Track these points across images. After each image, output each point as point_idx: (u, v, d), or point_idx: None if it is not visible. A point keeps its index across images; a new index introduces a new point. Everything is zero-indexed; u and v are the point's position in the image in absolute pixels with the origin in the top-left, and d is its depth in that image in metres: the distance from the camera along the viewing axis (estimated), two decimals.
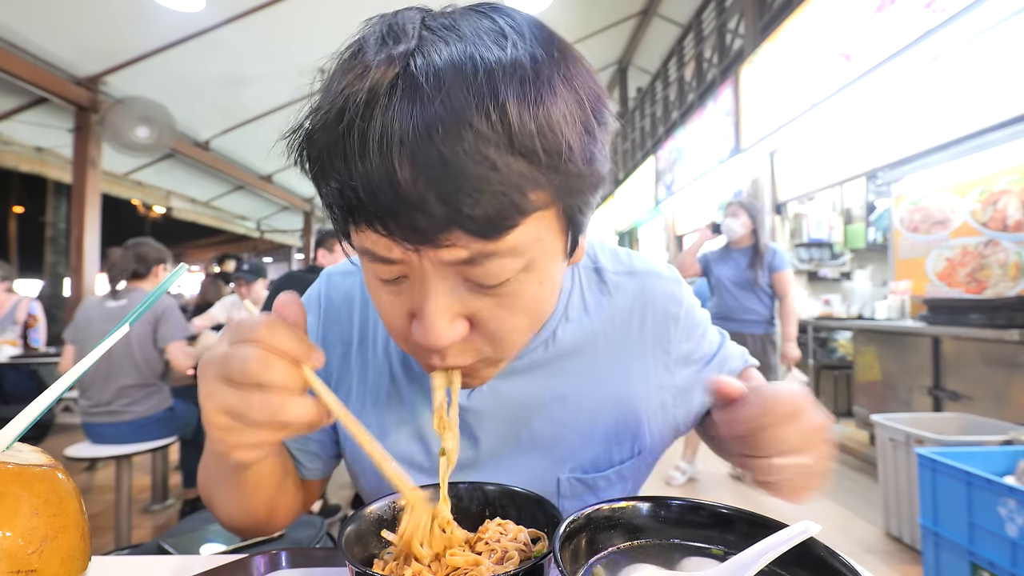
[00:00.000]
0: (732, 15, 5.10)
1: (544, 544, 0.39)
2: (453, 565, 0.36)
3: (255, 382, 0.31)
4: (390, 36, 0.32)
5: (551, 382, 0.52)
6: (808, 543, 0.35)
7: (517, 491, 0.44)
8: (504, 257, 0.32)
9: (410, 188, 0.29)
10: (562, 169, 0.31)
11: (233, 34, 4.01)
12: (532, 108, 0.29)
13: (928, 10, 2.53)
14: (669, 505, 0.40)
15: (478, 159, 0.28)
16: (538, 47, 0.31)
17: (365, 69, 0.30)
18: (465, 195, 0.29)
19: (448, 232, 0.30)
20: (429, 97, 0.28)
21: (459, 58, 0.29)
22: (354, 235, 0.34)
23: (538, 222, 0.33)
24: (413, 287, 0.35)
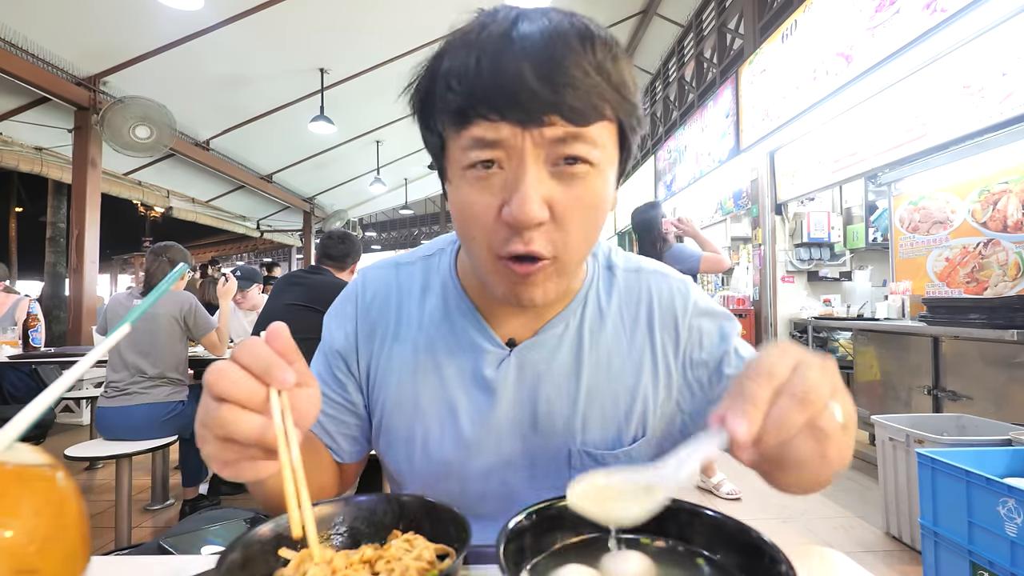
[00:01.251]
0: (732, 15, 5.10)
1: (450, 561, 0.38)
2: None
3: (215, 394, 0.34)
4: (495, 11, 0.45)
5: (570, 359, 0.57)
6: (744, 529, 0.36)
7: (432, 504, 0.42)
8: (583, 143, 0.43)
9: (529, 80, 0.40)
10: (623, 94, 0.44)
11: (233, 34, 4.01)
12: (608, 49, 0.43)
13: (927, 11, 2.53)
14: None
15: (577, 65, 0.41)
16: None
17: (489, 20, 0.44)
18: (566, 87, 0.41)
19: (550, 114, 0.41)
20: (543, 29, 0.42)
21: (557, 15, 0.44)
22: (465, 133, 0.43)
23: (606, 130, 0.45)
24: (508, 174, 0.43)
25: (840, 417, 0.33)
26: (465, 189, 0.45)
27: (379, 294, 0.62)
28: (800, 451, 0.34)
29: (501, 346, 0.57)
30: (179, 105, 4.41)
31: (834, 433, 0.33)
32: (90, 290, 4.02)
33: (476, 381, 0.57)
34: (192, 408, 2.42)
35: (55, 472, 0.32)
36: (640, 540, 0.39)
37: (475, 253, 0.48)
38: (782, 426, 0.32)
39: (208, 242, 17.56)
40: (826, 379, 0.33)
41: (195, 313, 2.37)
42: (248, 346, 0.35)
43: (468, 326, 0.57)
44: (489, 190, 0.44)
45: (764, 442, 0.32)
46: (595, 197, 0.45)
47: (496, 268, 0.47)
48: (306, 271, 2.23)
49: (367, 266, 0.66)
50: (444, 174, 0.50)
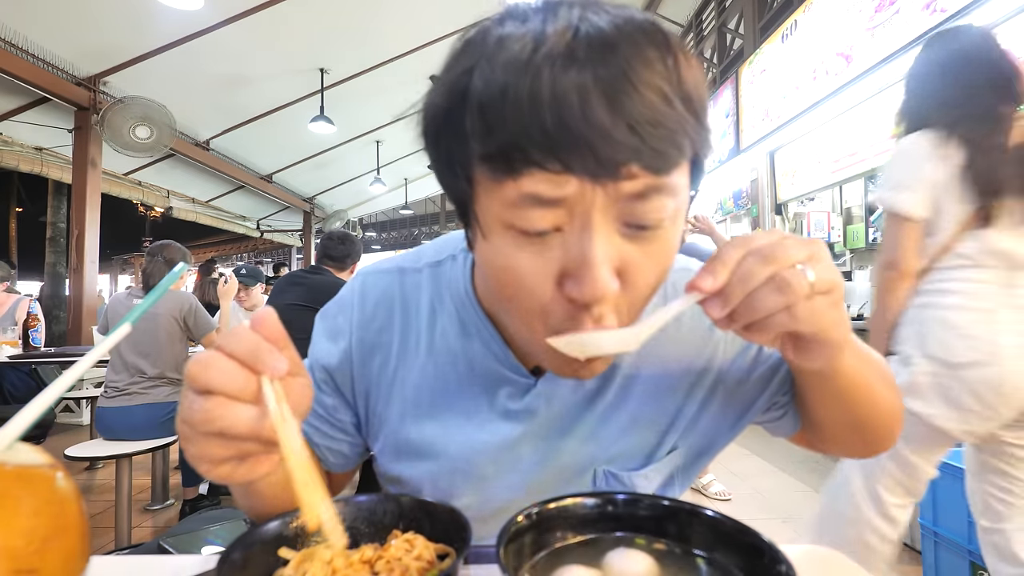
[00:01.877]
0: (732, 15, 5.10)
1: (450, 561, 0.38)
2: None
3: (200, 387, 0.31)
4: (544, 9, 0.34)
5: (598, 383, 0.52)
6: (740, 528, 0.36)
7: (432, 503, 0.42)
8: (665, 195, 0.34)
9: (601, 118, 0.30)
10: (702, 121, 0.35)
11: (233, 34, 4.01)
12: (689, 63, 0.34)
13: (927, 11, 2.53)
14: (615, 500, 0.40)
15: (659, 94, 0.32)
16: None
17: (543, 28, 0.33)
18: (648, 125, 0.31)
19: (629, 163, 0.32)
20: (613, 44, 0.31)
21: (621, 19, 0.33)
22: (511, 186, 0.33)
23: (683, 171, 0.36)
24: (569, 237, 0.35)
25: (810, 276, 0.33)
26: (509, 253, 0.36)
27: (381, 307, 0.54)
28: (764, 304, 0.33)
29: (527, 375, 0.50)
30: (179, 105, 4.41)
31: (798, 287, 0.32)
32: (90, 290, 4.02)
33: (498, 414, 0.52)
34: None
35: (55, 472, 0.32)
36: (640, 540, 0.39)
37: (522, 326, 0.41)
38: (745, 279, 0.32)
39: (208, 242, 17.56)
40: (803, 247, 0.33)
41: (195, 313, 2.37)
42: (234, 334, 0.32)
43: (488, 353, 0.50)
44: (543, 255, 0.36)
45: (729, 296, 0.33)
46: (669, 252, 0.38)
47: (552, 348, 0.38)
48: (306, 271, 2.23)
49: (366, 269, 0.57)
50: (473, 222, 0.39)
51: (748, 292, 0.33)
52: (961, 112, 1.21)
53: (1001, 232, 1.17)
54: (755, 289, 0.33)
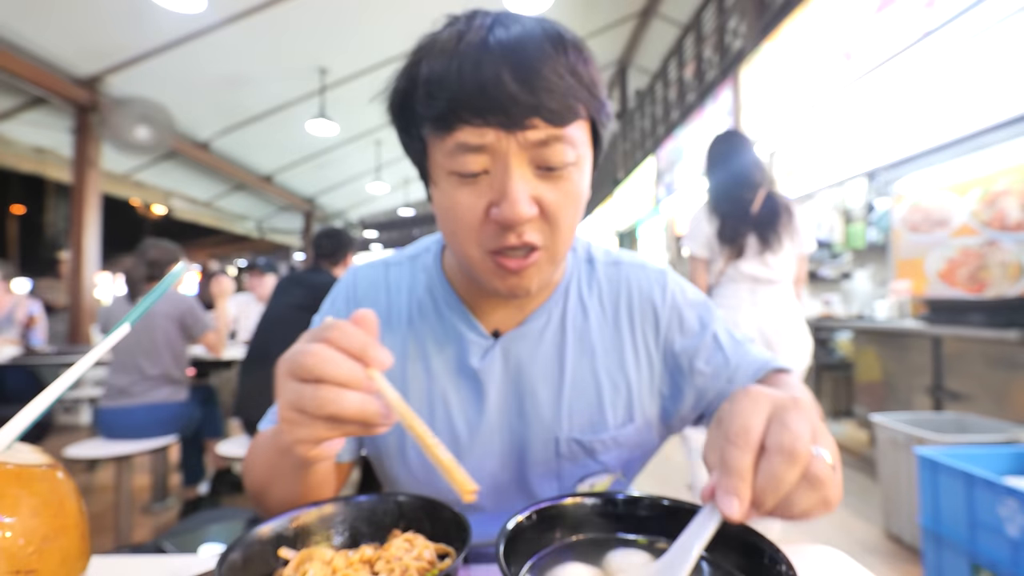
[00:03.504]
0: (732, 15, 5.10)
1: (450, 561, 0.38)
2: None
3: (314, 376, 0.34)
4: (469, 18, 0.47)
5: (553, 350, 0.59)
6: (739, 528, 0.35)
7: (432, 503, 0.43)
8: (564, 143, 0.45)
9: (510, 86, 0.42)
10: (594, 94, 0.47)
11: (233, 34, 4.01)
12: (579, 52, 0.46)
13: (929, 9, 2.53)
14: (614, 500, 0.40)
15: (553, 68, 0.44)
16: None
17: (466, 28, 0.46)
18: (545, 91, 0.43)
19: (531, 117, 0.43)
20: (519, 36, 0.44)
21: (529, 22, 0.46)
22: (449, 139, 0.45)
23: (582, 128, 0.48)
24: (494, 177, 0.45)
25: (829, 459, 0.32)
26: (451, 192, 0.47)
27: (369, 292, 0.63)
28: (800, 503, 0.32)
29: (486, 336, 0.59)
30: (179, 105, 4.41)
31: (828, 478, 0.32)
32: (90, 290, 4.02)
33: (463, 371, 0.59)
34: (193, 408, 2.42)
35: (55, 472, 0.32)
36: (640, 541, 0.39)
37: (464, 251, 0.50)
38: (776, 487, 0.31)
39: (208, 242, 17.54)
40: (805, 423, 0.32)
41: (193, 314, 2.37)
42: (341, 329, 0.36)
43: (454, 317, 0.59)
44: (476, 192, 0.46)
45: (763, 505, 0.32)
46: (577, 191, 0.49)
47: (487, 265, 0.49)
48: (306, 272, 2.23)
49: (356, 266, 0.67)
50: (427, 176, 0.52)
51: (781, 498, 0.32)
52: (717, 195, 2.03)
53: (747, 261, 1.99)
54: (788, 493, 0.32)
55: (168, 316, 2.30)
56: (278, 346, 0.59)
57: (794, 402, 0.33)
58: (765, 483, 0.31)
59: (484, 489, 0.58)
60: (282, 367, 0.36)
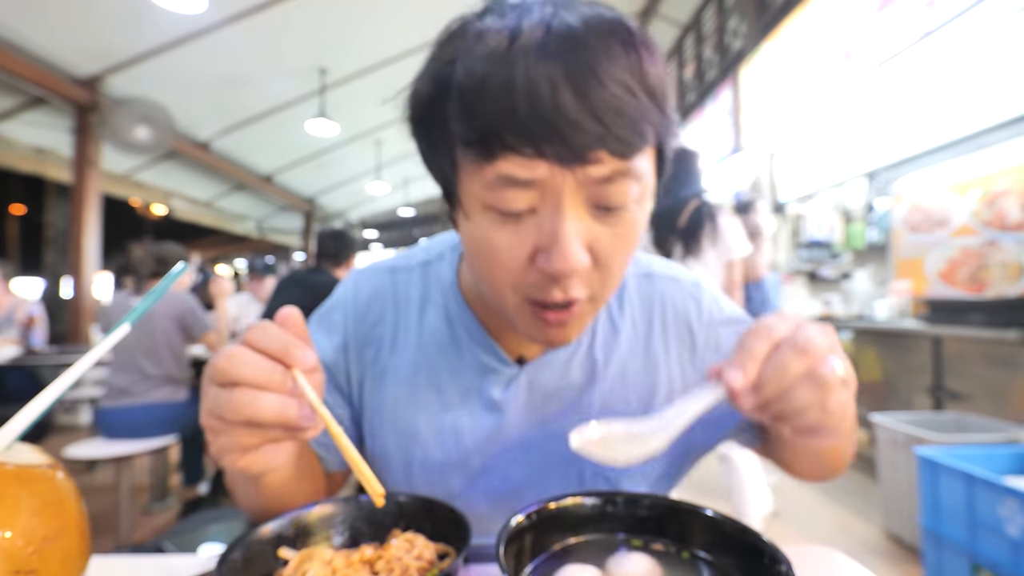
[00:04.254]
0: (732, 15, 5.10)
1: (450, 561, 0.38)
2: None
3: (229, 379, 0.32)
4: (520, 6, 0.38)
5: (582, 378, 0.54)
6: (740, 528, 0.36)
7: (433, 503, 0.42)
8: (630, 179, 0.37)
9: (572, 109, 0.33)
10: (665, 111, 0.38)
11: (233, 34, 4.00)
12: (652, 58, 0.37)
13: (930, 9, 2.52)
14: (615, 500, 0.40)
15: (623, 86, 0.35)
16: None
17: (518, 25, 0.36)
18: (614, 114, 0.34)
19: (595, 149, 0.35)
20: (582, 40, 0.35)
21: (591, 16, 0.36)
22: (490, 169, 0.36)
23: (648, 156, 0.39)
24: (542, 217, 0.38)
25: (840, 371, 0.33)
26: (488, 230, 0.39)
27: (374, 303, 0.57)
28: (800, 399, 0.33)
29: (510, 364, 0.53)
30: (179, 105, 4.41)
31: (833, 383, 0.32)
32: (90, 290, 4.02)
33: (483, 403, 0.53)
34: (193, 408, 2.42)
35: (55, 472, 0.32)
36: (640, 541, 0.39)
37: (498, 296, 0.43)
38: (781, 374, 0.32)
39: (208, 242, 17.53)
40: (825, 336, 0.33)
41: (193, 314, 2.36)
42: (261, 329, 0.34)
43: (473, 344, 0.53)
44: (519, 234, 0.39)
45: (763, 390, 0.33)
46: (636, 231, 0.41)
47: (524, 312, 0.42)
48: (307, 272, 2.23)
49: (359, 269, 0.61)
50: (455, 202, 0.42)
51: (784, 387, 0.33)
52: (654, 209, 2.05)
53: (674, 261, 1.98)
54: (790, 384, 0.33)
55: (168, 316, 2.30)
56: None
57: (820, 325, 0.35)
58: (771, 369, 0.33)
59: (498, 518, 0.56)
60: (205, 374, 0.34)
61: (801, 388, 0.33)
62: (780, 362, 0.32)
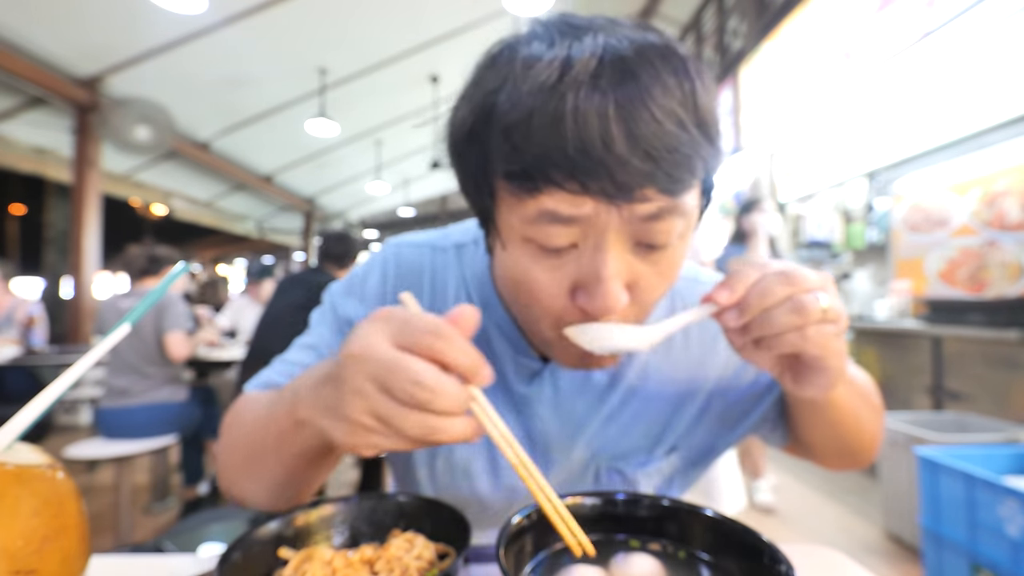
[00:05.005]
0: (732, 15, 5.10)
1: (450, 560, 0.38)
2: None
3: (416, 403, 0.29)
4: (569, 32, 0.36)
5: (606, 377, 0.54)
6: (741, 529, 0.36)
7: (433, 503, 0.42)
8: (677, 216, 0.36)
9: (619, 144, 0.32)
10: (715, 144, 0.37)
11: (233, 34, 4.00)
12: (704, 87, 0.35)
13: (930, 9, 2.52)
14: (615, 500, 0.40)
15: (675, 120, 0.33)
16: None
17: (569, 58, 0.34)
18: (664, 151, 0.33)
19: (644, 187, 0.34)
20: (633, 71, 0.33)
21: (641, 43, 0.35)
22: (532, 203, 0.35)
23: (695, 191, 0.37)
24: (583, 254, 0.37)
25: (823, 303, 0.34)
26: (527, 264, 0.39)
27: (411, 275, 0.56)
28: (780, 322, 0.34)
29: (535, 360, 0.53)
30: (179, 105, 4.41)
31: (814, 310, 0.34)
32: (90, 290, 4.02)
33: (507, 396, 0.54)
34: (192, 408, 2.41)
35: (55, 472, 0.32)
36: (640, 542, 0.39)
37: (535, 325, 0.43)
38: (763, 296, 0.34)
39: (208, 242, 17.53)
40: (816, 276, 0.35)
41: (168, 308, 2.27)
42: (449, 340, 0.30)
43: (502, 337, 0.53)
44: (559, 269, 0.38)
45: (747, 310, 0.35)
46: (676, 269, 0.40)
47: (562, 344, 0.41)
48: (308, 272, 2.23)
49: (396, 240, 0.59)
50: (493, 231, 0.42)
51: (765, 308, 0.35)
52: None
53: None
54: (772, 306, 0.34)
55: (150, 314, 2.25)
56: (278, 346, 0.59)
57: (822, 272, 0.36)
58: (755, 293, 0.35)
59: (514, 509, 0.57)
60: (366, 368, 0.30)
61: (781, 311, 0.34)
62: (765, 286, 0.34)
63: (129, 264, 2.33)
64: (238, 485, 0.47)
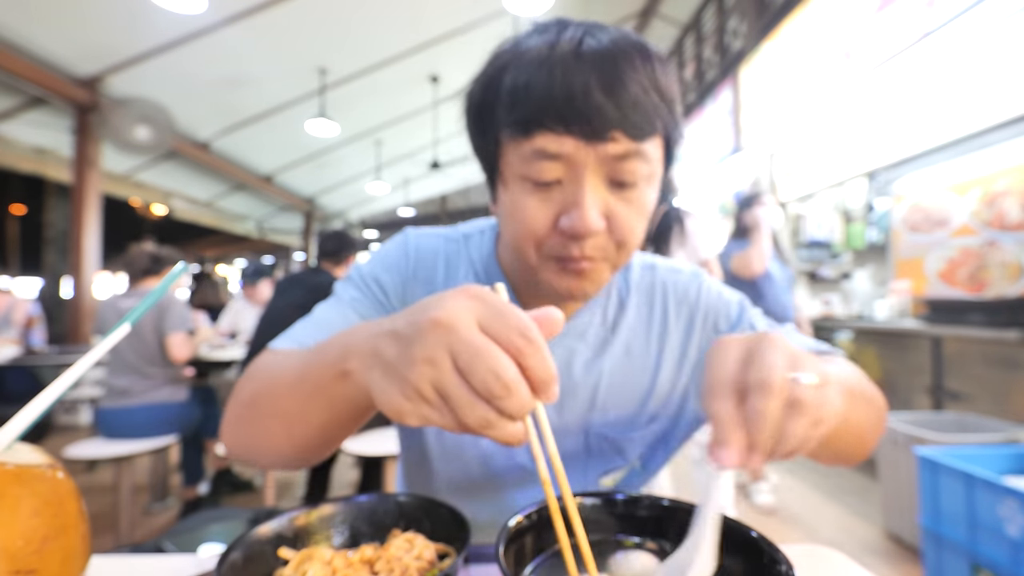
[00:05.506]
0: (732, 15, 5.10)
1: (450, 561, 0.38)
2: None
3: (487, 394, 0.28)
4: (559, 25, 0.47)
5: (594, 349, 0.60)
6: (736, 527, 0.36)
7: (433, 503, 0.43)
8: (641, 160, 0.45)
9: (597, 97, 0.42)
10: (673, 111, 0.47)
11: (233, 34, 4.01)
12: (664, 71, 0.46)
13: (930, 9, 2.52)
14: (614, 500, 0.40)
15: (639, 83, 0.44)
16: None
17: (557, 39, 0.45)
18: (630, 104, 0.43)
19: (612, 130, 0.43)
20: (609, 49, 0.44)
21: (617, 34, 0.46)
22: (527, 144, 0.45)
23: (657, 144, 0.47)
24: (567, 187, 0.46)
25: (811, 379, 0.32)
26: (522, 197, 0.48)
27: (428, 259, 0.62)
28: (794, 433, 0.31)
29: None
30: (179, 105, 4.41)
31: (811, 399, 0.31)
32: (90, 290, 4.02)
33: None
34: (192, 408, 2.41)
35: (55, 472, 0.32)
36: (639, 542, 0.39)
37: (525, 255, 0.50)
38: (761, 423, 0.31)
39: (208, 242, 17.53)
40: (778, 354, 0.32)
41: (168, 309, 2.28)
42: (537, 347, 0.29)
43: None
44: (548, 200, 0.47)
45: (757, 445, 0.31)
46: (647, 208, 0.49)
47: (547, 266, 0.49)
48: (306, 272, 2.23)
49: (412, 230, 0.65)
50: (496, 175, 0.51)
51: (772, 434, 0.31)
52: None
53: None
54: (777, 429, 0.31)
55: (150, 314, 2.25)
56: None
57: (763, 337, 0.33)
58: (751, 422, 0.31)
59: (511, 474, 0.61)
60: (448, 340, 0.29)
61: (789, 423, 0.31)
62: (755, 412, 0.31)
63: (130, 264, 2.33)
64: (249, 440, 0.46)
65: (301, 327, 0.55)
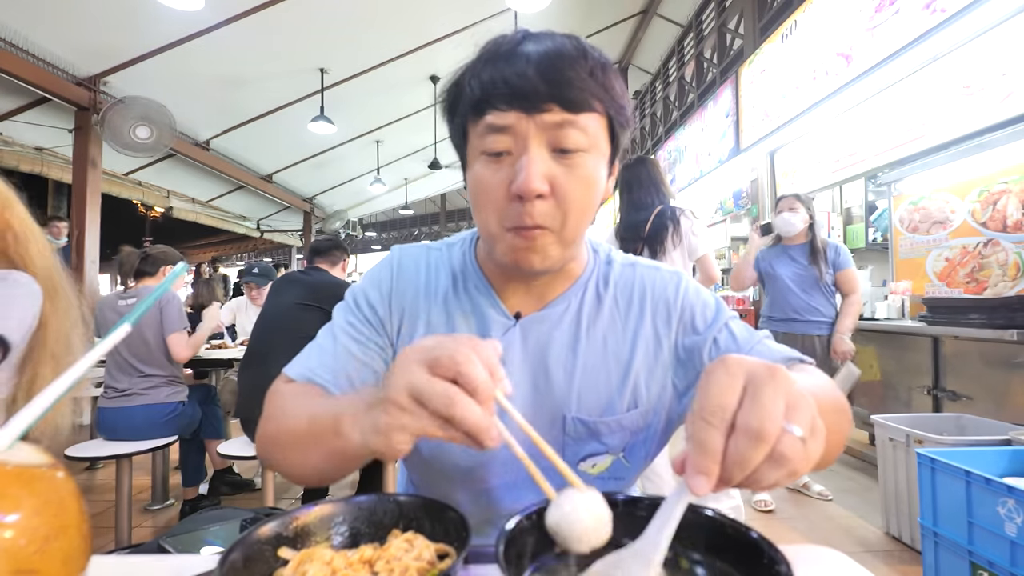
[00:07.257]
0: (732, 15, 5.10)
1: (450, 561, 0.38)
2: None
3: (451, 374, 0.35)
4: (512, 35, 0.55)
5: (569, 335, 0.64)
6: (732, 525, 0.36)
7: (432, 503, 0.42)
8: (578, 129, 0.51)
9: (533, 78, 0.50)
10: (611, 94, 0.53)
11: (233, 34, 4.01)
12: (599, 61, 0.53)
13: (927, 11, 2.53)
14: (615, 501, 0.40)
15: (571, 68, 0.51)
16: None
17: (503, 39, 0.54)
18: (562, 82, 0.50)
19: (548, 103, 0.50)
20: (546, 44, 0.52)
21: (560, 36, 0.53)
22: (481, 122, 0.53)
23: (597, 121, 0.53)
24: (516, 157, 0.52)
25: (800, 433, 0.32)
26: (481, 170, 0.54)
27: (411, 267, 0.69)
28: (766, 479, 0.32)
29: (509, 317, 0.64)
30: (179, 105, 4.41)
31: (794, 455, 0.31)
32: (90, 290, 4.02)
33: None
34: (192, 408, 2.41)
35: (55, 472, 0.32)
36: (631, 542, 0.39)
37: (487, 225, 0.55)
38: (743, 466, 0.31)
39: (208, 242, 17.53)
40: (778, 397, 0.31)
41: (167, 308, 2.28)
42: (483, 346, 0.37)
43: (481, 297, 0.65)
44: (500, 171, 0.53)
45: (729, 481, 0.32)
46: (589, 177, 0.54)
47: (503, 237, 0.55)
48: (303, 271, 2.23)
49: (401, 247, 0.73)
50: (465, 161, 0.58)
51: (747, 476, 0.32)
52: (621, 220, 2.25)
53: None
54: (754, 472, 0.31)
55: (149, 314, 2.25)
56: (277, 345, 0.60)
57: (770, 372, 0.32)
58: (732, 462, 0.31)
59: (495, 461, 0.63)
60: (414, 354, 0.37)
61: (765, 471, 0.32)
62: (740, 455, 0.31)
63: (120, 265, 2.35)
64: (278, 466, 0.55)
65: (306, 355, 0.64)
